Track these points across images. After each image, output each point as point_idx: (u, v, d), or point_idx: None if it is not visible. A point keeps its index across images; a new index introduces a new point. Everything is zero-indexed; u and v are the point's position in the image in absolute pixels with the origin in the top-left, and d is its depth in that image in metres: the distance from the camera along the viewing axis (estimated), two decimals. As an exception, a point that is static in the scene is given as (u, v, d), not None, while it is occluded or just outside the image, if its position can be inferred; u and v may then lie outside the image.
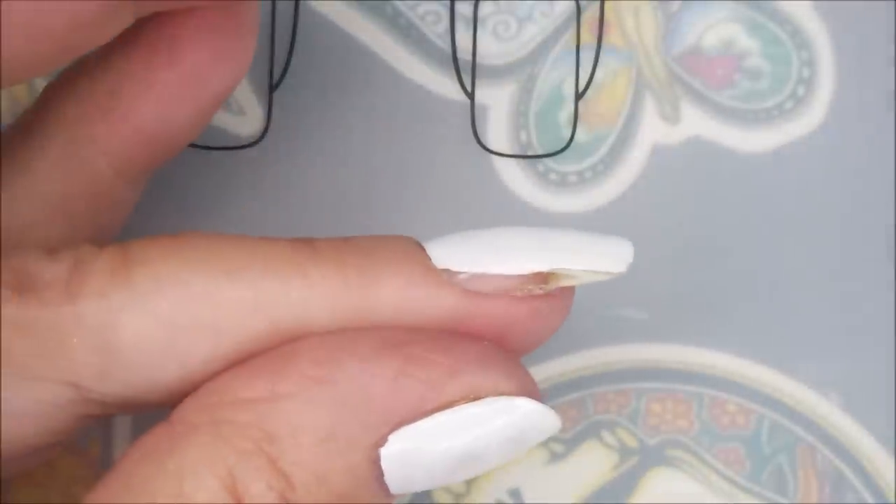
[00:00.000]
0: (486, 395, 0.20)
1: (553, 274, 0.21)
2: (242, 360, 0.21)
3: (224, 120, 0.30)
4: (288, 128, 0.30)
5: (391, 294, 0.21)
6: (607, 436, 0.30)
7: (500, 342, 0.21)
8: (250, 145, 0.30)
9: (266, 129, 0.30)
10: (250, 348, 0.21)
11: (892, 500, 0.30)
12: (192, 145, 0.30)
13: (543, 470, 0.30)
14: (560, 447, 0.30)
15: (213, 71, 0.24)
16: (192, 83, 0.24)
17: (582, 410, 0.30)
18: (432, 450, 0.20)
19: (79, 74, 0.25)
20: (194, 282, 0.20)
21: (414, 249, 0.21)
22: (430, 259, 0.21)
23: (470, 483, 0.30)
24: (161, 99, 0.24)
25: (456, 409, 0.20)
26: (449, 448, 0.20)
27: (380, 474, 0.20)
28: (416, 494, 0.30)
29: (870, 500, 0.30)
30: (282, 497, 0.19)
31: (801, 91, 0.30)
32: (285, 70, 0.30)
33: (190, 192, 0.30)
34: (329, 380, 0.20)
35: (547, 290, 0.21)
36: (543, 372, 0.30)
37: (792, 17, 0.30)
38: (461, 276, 0.21)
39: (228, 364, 0.21)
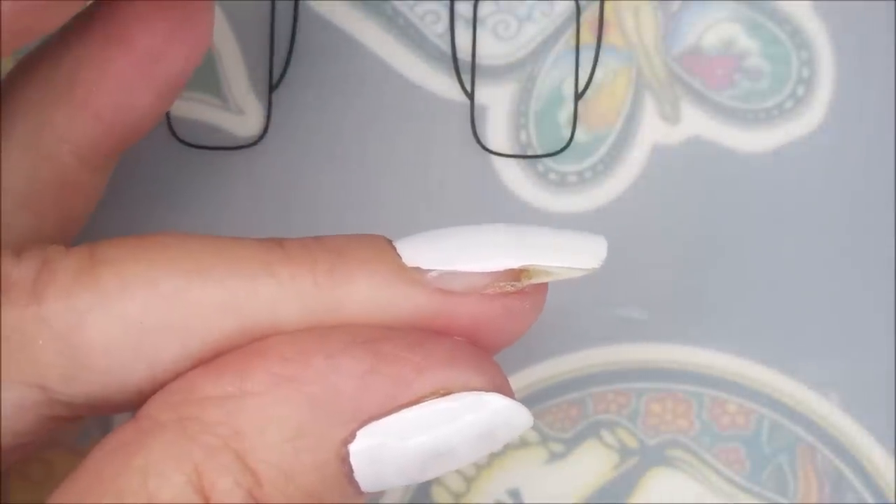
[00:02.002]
0: (456, 391, 0.20)
1: (525, 270, 0.21)
2: (211, 360, 0.21)
3: (224, 120, 0.30)
4: (288, 128, 0.30)
5: (361, 293, 0.21)
6: (607, 436, 0.30)
7: (472, 339, 0.21)
8: (250, 145, 0.30)
9: (266, 129, 0.30)
10: (219, 348, 0.21)
11: (892, 500, 0.30)
12: (193, 145, 0.30)
13: (543, 470, 0.30)
14: (560, 447, 0.30)
15: (169, 55, 0.24)
16: (148, 68, 0.24)
17: (582, 410, 0.30)
18: (402, 446, 0.20)
19: (40, 60, 0.25)
20: (162, 282, 0.20)
21: (384, 248, 0.21)
22: (401, 257, 0.21)
23: (469, 483, 0.30)
24: (117, 85, 0.24)
25: (425, 404, 0.20)
26: (419, 444, 0.20)
27: (349, 471, 0.20)
28: (416, 494, 0.30)
29: (870, 500, 0.30)
30: (249, 494, 0.19)
31: (801, 91, 0.30)
32: (285, 70, 0.30)
33: (189, 192, 0.30)
34: (297, 377, 0.20)
35: (519, 288, 0.21)
36: (543, 371, 0.30)
37: (792, 17, 0.30)
38: (432, 275, 0.21)
39: (197, 364, 0.21)
